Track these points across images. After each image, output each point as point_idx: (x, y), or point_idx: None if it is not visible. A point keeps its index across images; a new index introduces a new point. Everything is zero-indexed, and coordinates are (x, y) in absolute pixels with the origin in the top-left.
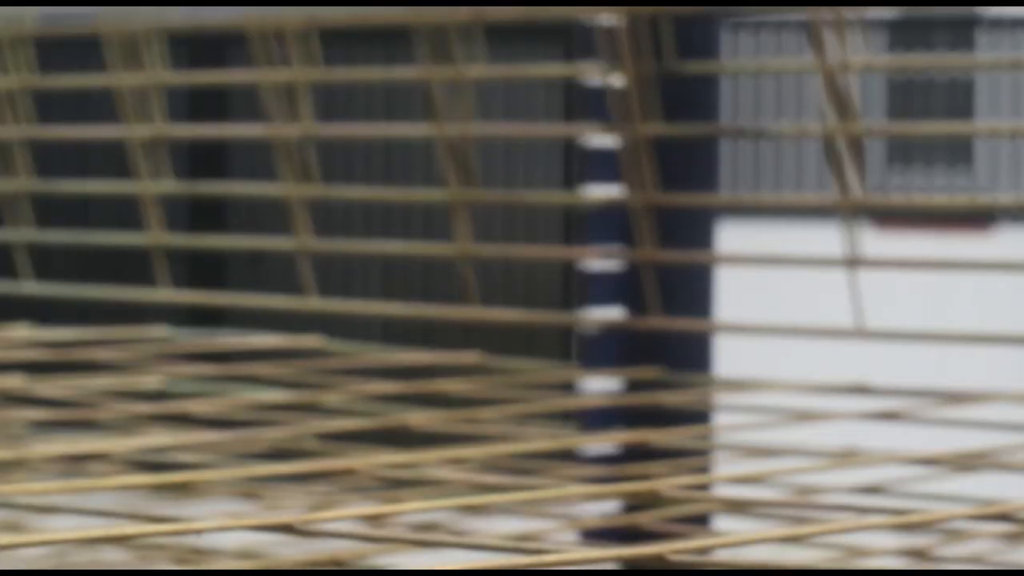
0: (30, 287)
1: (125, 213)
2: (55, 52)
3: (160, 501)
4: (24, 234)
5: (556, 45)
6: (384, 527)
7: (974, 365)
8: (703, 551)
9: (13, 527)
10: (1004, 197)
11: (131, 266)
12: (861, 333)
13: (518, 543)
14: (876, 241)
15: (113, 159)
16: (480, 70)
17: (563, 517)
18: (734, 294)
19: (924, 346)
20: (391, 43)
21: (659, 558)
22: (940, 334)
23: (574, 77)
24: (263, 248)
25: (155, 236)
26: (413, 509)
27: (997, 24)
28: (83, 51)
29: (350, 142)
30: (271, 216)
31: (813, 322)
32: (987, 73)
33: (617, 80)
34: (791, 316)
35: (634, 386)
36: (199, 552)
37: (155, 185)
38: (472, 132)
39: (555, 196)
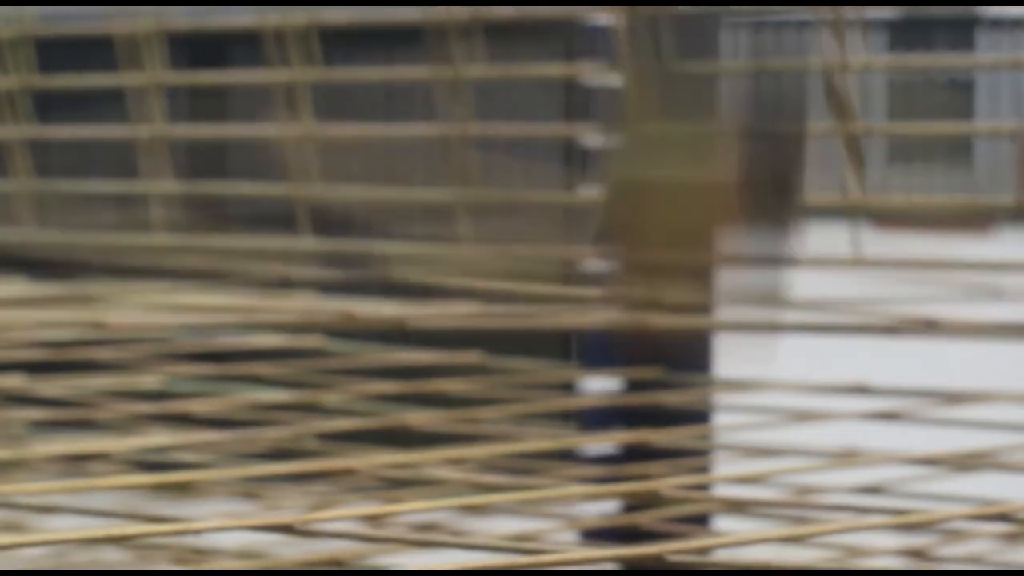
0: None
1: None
2: (55, 52)
3: (160, 501)
4: (24, 233)
5: (556, 45)
6: (384, 527)
7: (974, 365)
8: (703, 551)
9: (13, 527)
10: (1004, 197)
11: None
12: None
13: (518, 543)
14: (876, 241)
15: (113, 159)
16: (480, 70)
17: (563, 517)
18: None
19: (923, 344)
20: (391, 43)
21: (658, 558)
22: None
23: (574, 77)
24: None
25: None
26: (413, 509)
27: (997, 24)
28: (83, 51)
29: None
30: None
31: (812, 322)
32: (987, 73)
33: (617, 80)
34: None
35: (634, 386)
36: (199, 552)
37: (155, 185)
38: (472, 132)
39: (555, 196)
